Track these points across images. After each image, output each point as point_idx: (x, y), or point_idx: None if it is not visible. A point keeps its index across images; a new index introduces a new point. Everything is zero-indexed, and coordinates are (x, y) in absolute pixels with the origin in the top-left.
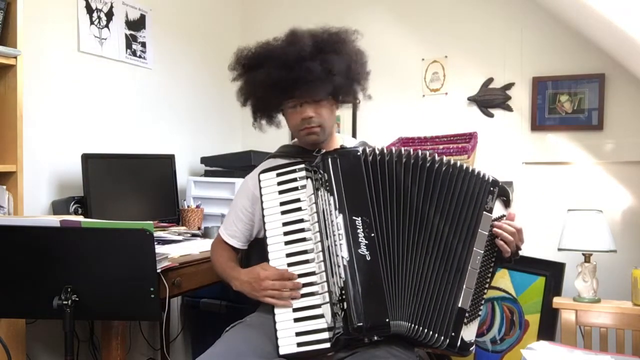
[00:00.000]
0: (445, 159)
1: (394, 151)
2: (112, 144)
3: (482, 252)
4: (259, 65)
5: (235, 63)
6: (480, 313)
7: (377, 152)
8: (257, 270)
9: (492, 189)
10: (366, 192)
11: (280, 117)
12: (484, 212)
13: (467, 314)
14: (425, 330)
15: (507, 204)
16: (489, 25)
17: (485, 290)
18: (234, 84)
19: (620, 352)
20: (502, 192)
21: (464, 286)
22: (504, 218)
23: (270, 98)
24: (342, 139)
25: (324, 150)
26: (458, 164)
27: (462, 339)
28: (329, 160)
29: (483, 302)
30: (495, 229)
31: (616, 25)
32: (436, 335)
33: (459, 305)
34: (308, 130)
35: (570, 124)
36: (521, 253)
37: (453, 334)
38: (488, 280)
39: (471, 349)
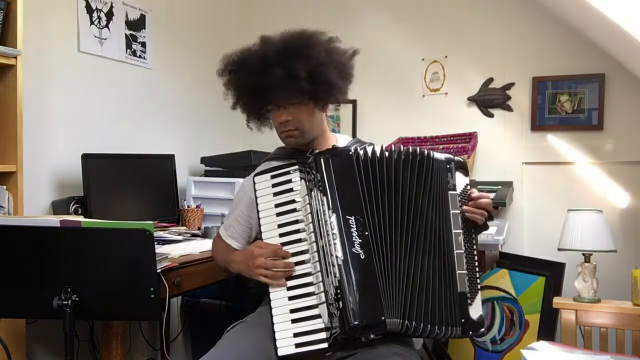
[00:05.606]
0: (426, 152)
1: (386, 149)
2: (112, 144)
3: (461, 231)
4: (239, 70)
5: (222, 67)
6: (479, 287)
7: (370, 150)
8: (251, 249)
9: (447, 166)
10: (359, 191)
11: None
12: (449, 192)
13: (468, 295)
14: (436, 327)
15: (466, 173)
16: (489, 25)
17: (476, 263)
18: None
19: (620, 352)
20: (459, 164)
21: (457, 271)
22: (468, 187)
23: (252, 102)
24: (336, 138)
25: (317, 151)
26: (431, 154)
27: (471, 319)
28: (322, 160)
29: (478, 275)
30: (464, 207)
31: (616, 25)
32: (450, 328)
33: (459, 290)
34: (286, 133)
35: (570, 124)
36: (521, 253)
37: (463, 320)
38: (475, 253)
39: (482, 329)
